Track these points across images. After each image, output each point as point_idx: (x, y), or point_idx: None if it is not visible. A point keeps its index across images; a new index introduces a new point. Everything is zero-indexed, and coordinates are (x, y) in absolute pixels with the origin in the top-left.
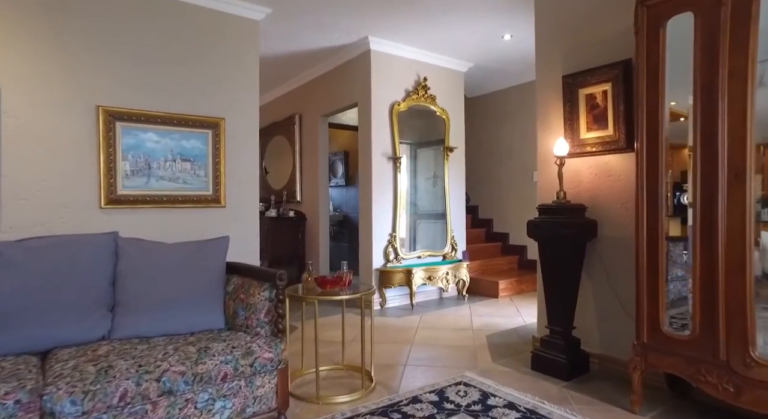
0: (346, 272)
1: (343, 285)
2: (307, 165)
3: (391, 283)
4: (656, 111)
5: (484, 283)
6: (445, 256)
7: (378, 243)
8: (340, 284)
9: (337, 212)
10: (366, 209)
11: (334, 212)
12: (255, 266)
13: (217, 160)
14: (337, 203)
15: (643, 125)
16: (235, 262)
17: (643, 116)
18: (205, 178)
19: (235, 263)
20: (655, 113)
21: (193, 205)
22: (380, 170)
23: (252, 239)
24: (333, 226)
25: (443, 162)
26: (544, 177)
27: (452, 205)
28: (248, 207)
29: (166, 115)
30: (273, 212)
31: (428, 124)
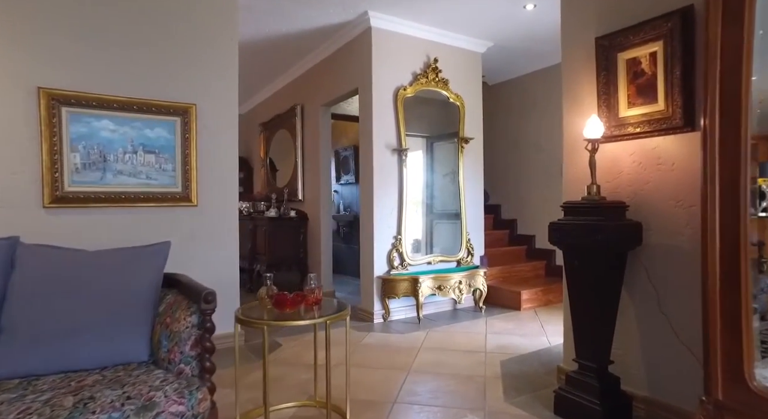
0: (314, 288)
1: (309, 304)
2: (310, 160)
3: (395, 293)
4: (736, 71)
5: (505, 293)
6: (460, 262)
7: (380, 247)
8: (305, 303)
9: (348, 211)
10: (367, 208)
11: (344, 211)
12: (191, 281)
13: (186, 152)
14: (348, 202)
15: (715, 92)
16: (176, 274)
17: (717, 80)
18: (173, 173)
19: (175, 275)
20: (735, 74)
21: (158, 204)
22: (383, 163)
23: (229, 243)
24: (343, 227)
25: (457, 155)
26: (572, 168)
27: (468, 203)
28: (225, 206)
29: (126, 100)
30: (273, 211)
31: (443, 114)
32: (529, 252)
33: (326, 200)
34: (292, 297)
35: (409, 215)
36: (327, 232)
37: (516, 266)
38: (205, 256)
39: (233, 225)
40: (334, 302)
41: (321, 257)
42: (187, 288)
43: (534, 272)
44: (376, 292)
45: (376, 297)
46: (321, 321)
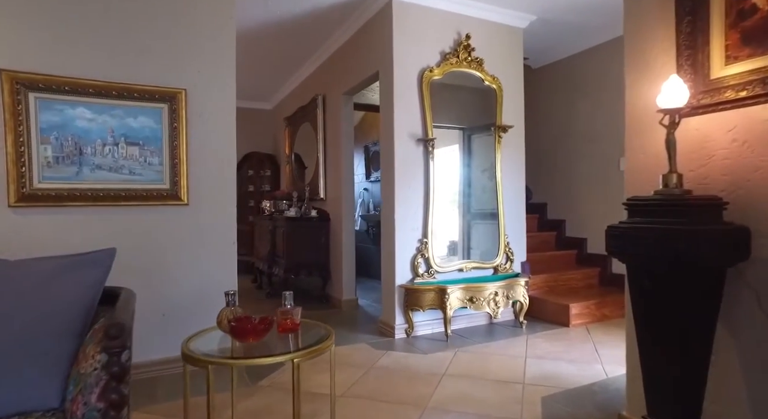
0: (289, 309)
1: (285, 331)
2: (332, 156)
3: (420, 305)
4: None
5: (550, 306)
6: (497, 269)
7: (403, 252)
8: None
9: (378, 211)
10: (388, 207)
11: (374, 211)
12: (126, 299)
13: (175, 143)
14: (378, 201)
15: None
16: (121, 289)
17: None
18: (160, 167)
19: (120, 290)
20: None
21: (142, 203)
22: (406, 156)
23: (226, 248)
24: (372, 227)
25: (494, 147)
26: (638, 153)
27: (506, 201)
28: (221, 205)
29: (104, 84)
30: (293, 211)
31: (480, 102)
32: (579, 258)
33: (348, 199)
34: (256, 323)
35: (440, 216)
36: (349, 233)
37: (564, 273)
38: (197, 262)
39: (230, 227)
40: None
41: (342, 260)
42: (113, 311)
43: (585, 282)
44: (398, 303)
45: (398, 309)
46: (286, 358)
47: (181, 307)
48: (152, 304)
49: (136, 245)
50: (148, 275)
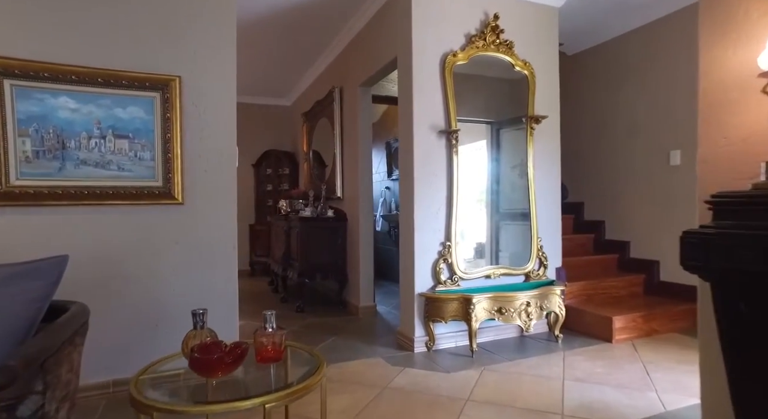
0: (272, 333)
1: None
2: (349, 152)
3: (442, 315)
4: None
5: (590, 318)
6: (529, 275)
7: (423, 256)
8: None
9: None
10: (406, 206)
11: (396, 210)
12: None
13: (168, 136)
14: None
15: None
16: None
17: None
18: (152, 162)
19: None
20: None
21: (132, 202)
22: (427, 150)
23: (225, 252)
24: (394, 228)
25: (525, 140)
26: (716, 138)
27: (539, 201)
28: (220, 205)
29: (88, 70)
30: (308, 211)
31: (510, 92)
32: (621, 263)
33: (366, 198)
34: (224, 354)
35: (464, 217)
36: (367, 235)
37: (604, 281)
38: (192, 268)
39: (231, 229)
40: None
41: (360, 264)
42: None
43: (629, 290)
44: (417, 313)
45: (418, 320)
46: (255, 404)
47: (177, 317)
48: (145, 313)
49: (126, 249)
50: (140, 282)
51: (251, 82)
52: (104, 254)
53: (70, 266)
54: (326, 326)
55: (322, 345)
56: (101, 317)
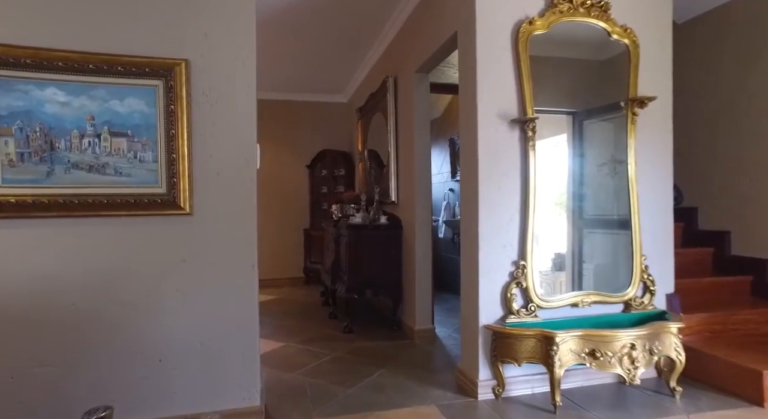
0: None
1: None
2: (405, 149)
3: (514, 356)
4: None
5: (723, 367)
6: (629, 304)
7: (490, 279)
8: None
9: None
10: (469, 216)
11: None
12: None
13: (172, 132)
14: None
15: None
16: None
17: None
18: (154, 165)
19: None
20: None
21: (131, 212)
22: (494, 143)
23: (245, 272)
24: (457, 235)
25: (626, 131)
26: None
27: (643, 207)
28: (236, 216)
29: (79, 55)
30: (358, 217)
31: (598, 73)
32: (758, 287)
33: (424, 203)
34: None
35: (543, 228)
36: (424, 245)
37: (736, 312)
38: (203, 291)
39: (249, 244)
40: None
41: (416, 279)
42: None
43: None
44: (482, 350)
45: (483, 359)
46: None
47: (184, 351)
48: (145, 346)
49: (124, 269)
50: (141, 309)
51: (304, 78)
52: (98, 275)
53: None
54: (375, 353)
55: (365, 382)
56: (95, 349)
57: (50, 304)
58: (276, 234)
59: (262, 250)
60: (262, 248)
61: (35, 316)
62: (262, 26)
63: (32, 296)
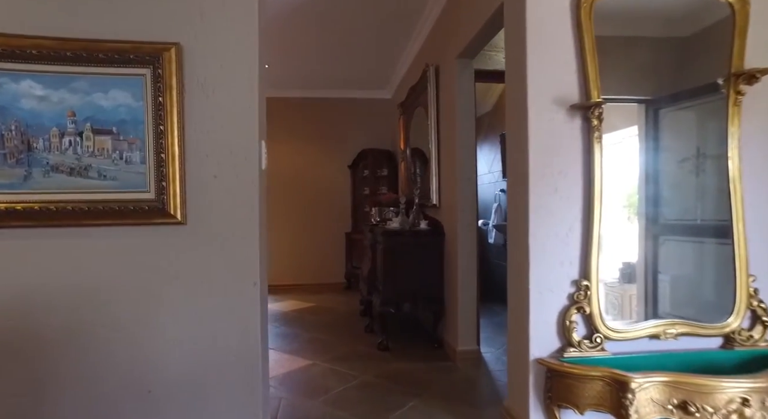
0: None
1: None
2: (447, 146)
3: (575, 400)
4: None
5: None
6: (732, 337)
7: (543, 303)
8: None
9: None
10: (517, 226)
11: None
12: None
13: (160, 129)
14: None
15: None
16: None
17: None
18: (142, 166)
19: None
20: None
21: (115, 221)
22: (548, 137)
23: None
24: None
25: (725, 116)
26: None
27: (750, 213)
28: (236, 224)
29: (56, 42)
30: (396, 222)
31: (679, 50)
32: None
33: (468, 206)
34: None
35: (608, 232)
36: (467, 255)
37: None
38: (197, 312)
39: (251, 257)
40: None
41: (458, 292)
42: None
43: None
44: (533, 390)
45: (534, 400)
46: None
47: (176, 381)
48: (132, 374)
49: (108, 287)
50: (127, 332)
51: (344, 74)
52: (79, 295)
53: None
54: (410, 377)
55: (395, 415)
56: (74, 379)
57: (23, 327)
58: (317, 238)
59: (302, 254)
60: (302, 252)
61: (5, 340)
62: (295, 20)
63: (1, 319)
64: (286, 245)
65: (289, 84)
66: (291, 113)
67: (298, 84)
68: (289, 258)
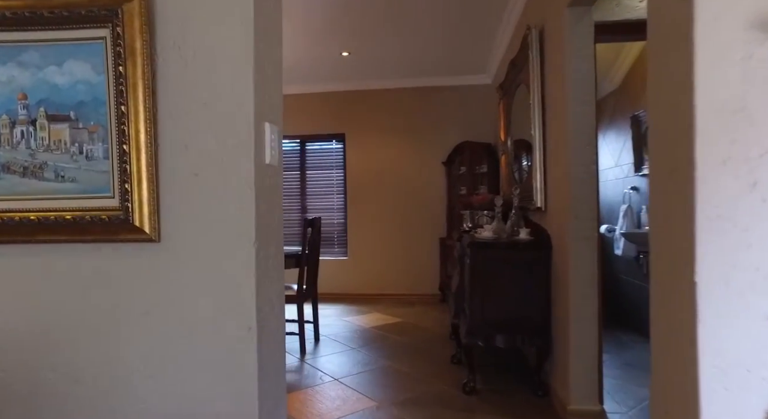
0: None
1: None
2: (554, 131)
3: None
4: None
5: None
6: None
7: (726, 387)
8: None
9: None
10: (669, 242)
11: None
12: None
13: (122, 108)
14: None
15: None
16: None
17: None
18: (105, 162)
19: None
20: None
21: (71, 237)
22: (738, 90)
23: (241, 344)
24: (643, 253)
25: None
26: None
27: None
28: (225, 242)
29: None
30: (488, 230)
31: None
32: None
33: (583, 209)
34: None
35: None
36: (584, 274)
37: None
38: (175, 360)
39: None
40: None
41: (570, 326)
42: None
43: None
44: None
45: None
46: None
47: None
48: None
49: (63, 325)
50: (85, 385)
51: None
52: (27, 333)
53: None
54: None
55: None
56: None
57: None
58: (408, 243)
59: (391, 261)
60: (391, 258)
61: None
62: (375, 2)
63: None
64: (373, 251)
65: (374, 74)
66: (376, 106)
67: (384, 74)
68: (376, 265)
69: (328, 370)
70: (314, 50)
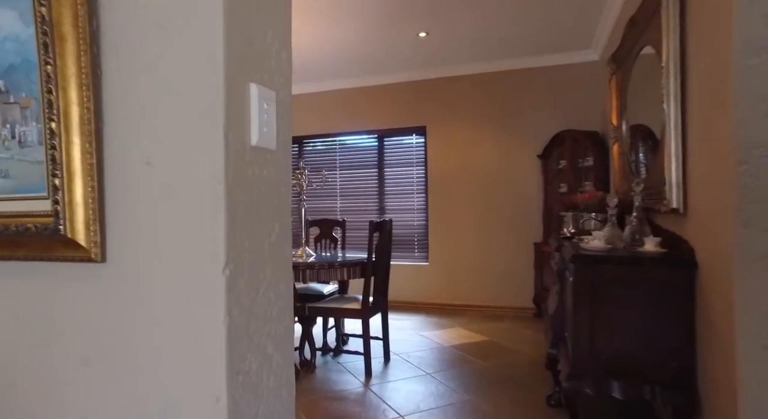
0: None
1: None
2: (703, 103)
3: None
4: None
5: None
6: None
7: None
8: None
9: None
10: None
11: None
12: None
13: (47, 69)
14: None
15: None
16: None
17: None
18: (40, 147)
19: None
20: None
21: (1, 253)
22: None
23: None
24: None
25: None
26: None
27: None
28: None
29: None
30: (597, 239)
31: None
32: None
33: (762, 210)
34: None
35: None
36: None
37: None
38: None
39: (213, 333)
40: None
41: (734, 373)
42: None
43: None
44: None
45: None
46: None
47: None
48: None
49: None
50: None
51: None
52: None
53: None
54: None
55: None
56: None
57: None
58: (496, 248)
59: (477, 268)
60: (477, 265)
61: None
62: None
63: None
64: (457, 257)
65: (455, 58)
66: (459, 94)
67: (466, 57)
68: (460, 272)
69: (394, 402)
70: (387, 33)
